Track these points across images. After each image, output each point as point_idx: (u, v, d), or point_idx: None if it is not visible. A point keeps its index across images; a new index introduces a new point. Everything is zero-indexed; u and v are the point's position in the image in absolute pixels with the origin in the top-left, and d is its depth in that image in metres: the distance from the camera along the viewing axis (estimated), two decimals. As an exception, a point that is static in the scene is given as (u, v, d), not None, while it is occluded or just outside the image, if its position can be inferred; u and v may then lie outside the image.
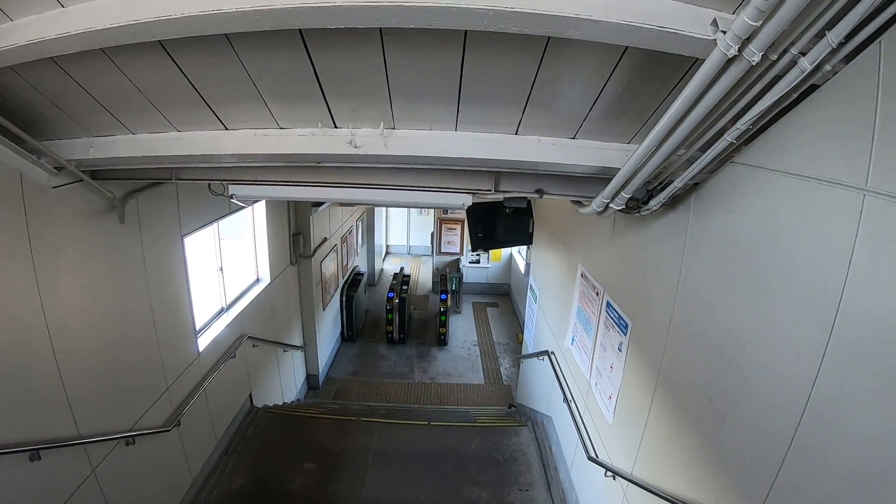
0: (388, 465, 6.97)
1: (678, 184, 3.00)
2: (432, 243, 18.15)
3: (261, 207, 8.51)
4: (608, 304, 5.13)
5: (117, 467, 4.74)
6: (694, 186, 3.25)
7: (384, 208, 20.18)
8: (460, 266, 17.50)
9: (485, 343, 14.10)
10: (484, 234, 8.92)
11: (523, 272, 14.88)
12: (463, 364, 12.89)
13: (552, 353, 7.35)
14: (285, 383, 9.83)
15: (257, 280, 8.73)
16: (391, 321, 13.58)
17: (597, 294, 5.50)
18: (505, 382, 12.10)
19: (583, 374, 5.88)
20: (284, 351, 9.70)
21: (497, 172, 3.75)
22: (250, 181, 3.96)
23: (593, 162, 3.21)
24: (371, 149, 3.12)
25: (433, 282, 17.86)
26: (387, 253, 21.62)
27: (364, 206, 16.16)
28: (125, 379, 4.95)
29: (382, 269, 19.70)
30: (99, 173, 4.12)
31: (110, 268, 4.67)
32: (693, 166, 2.79)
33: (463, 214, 17.37)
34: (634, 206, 3.51)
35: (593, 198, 3.53)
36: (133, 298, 5.06)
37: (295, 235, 9.97)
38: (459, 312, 15.92)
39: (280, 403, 9.37)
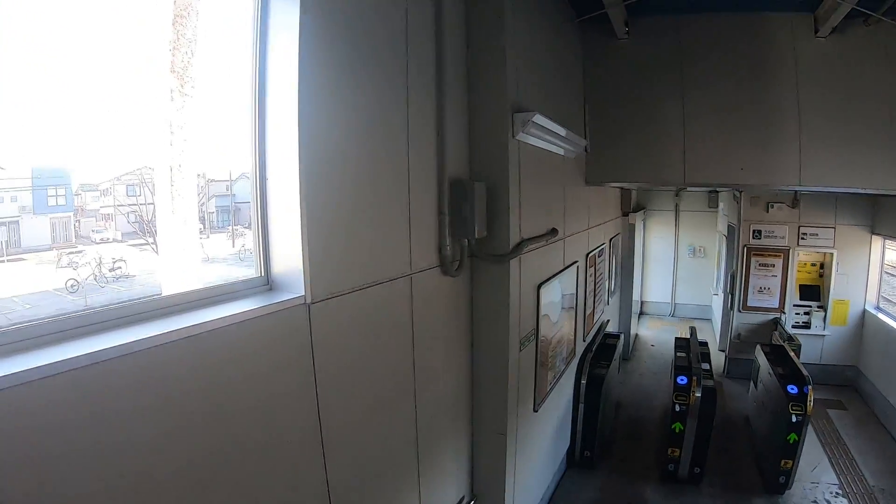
0: None
1: None
2: (730, 290, 10.79)
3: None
4: None
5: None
6: None
7: (640, 241, 13.13)
8: (780, 328, 10.01)
9: (856, 492, 6.57)
10: None
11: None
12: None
13: None
14: None
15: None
16: (679, 437, 6.36)
17: None
18: None
19: None
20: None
21: None
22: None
23: None
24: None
25: (726, 359, 10.46)
26: (641, 312, 14.37)
27: (613, 220, 9.58)
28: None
29: (637, 335, 12.40)
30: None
31: None
32: None
33: (786, 240, 10.28)
34: None
35: None
36: None
37: (459, 186, 3.26)
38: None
39: None
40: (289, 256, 2.42)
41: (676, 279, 14.76)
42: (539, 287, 4.26)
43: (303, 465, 2.44)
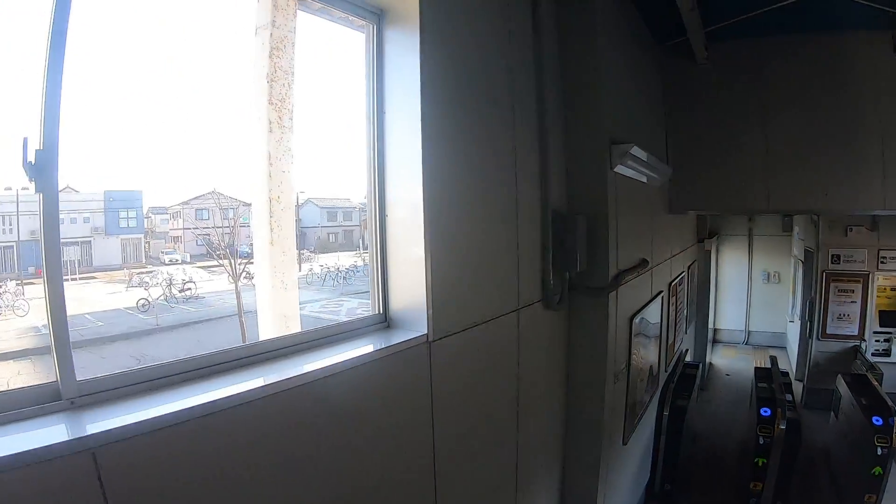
0: None
1: None
2: (808, 317, 10.07)
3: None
4: None
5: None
6: None
7: (713, 267, 12.71)
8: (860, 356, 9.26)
9: None
10: None
11: None
12: None
13: None
14: None
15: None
16: (762, 471, 6.03)
17: None
18: None
19: None
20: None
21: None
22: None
23: None
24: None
25: (804, 389, 9.76)
26: (714, 340, 13.82)
27: (690, 247, 9.31)
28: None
29: (711, 363, 11.91)
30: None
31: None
32: None
33: (866, 265, 9.61)
34: None
35: None
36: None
37: (561, 220, 3.27)
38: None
39: None
40: (411, 295, 2.45)
41: (750, 306, 14.02)
42: (631, 319, 4.20)
43: (415, 500, 2.46)
